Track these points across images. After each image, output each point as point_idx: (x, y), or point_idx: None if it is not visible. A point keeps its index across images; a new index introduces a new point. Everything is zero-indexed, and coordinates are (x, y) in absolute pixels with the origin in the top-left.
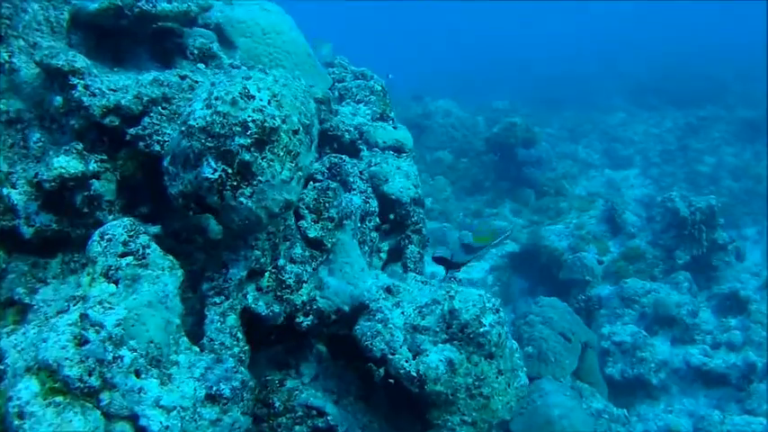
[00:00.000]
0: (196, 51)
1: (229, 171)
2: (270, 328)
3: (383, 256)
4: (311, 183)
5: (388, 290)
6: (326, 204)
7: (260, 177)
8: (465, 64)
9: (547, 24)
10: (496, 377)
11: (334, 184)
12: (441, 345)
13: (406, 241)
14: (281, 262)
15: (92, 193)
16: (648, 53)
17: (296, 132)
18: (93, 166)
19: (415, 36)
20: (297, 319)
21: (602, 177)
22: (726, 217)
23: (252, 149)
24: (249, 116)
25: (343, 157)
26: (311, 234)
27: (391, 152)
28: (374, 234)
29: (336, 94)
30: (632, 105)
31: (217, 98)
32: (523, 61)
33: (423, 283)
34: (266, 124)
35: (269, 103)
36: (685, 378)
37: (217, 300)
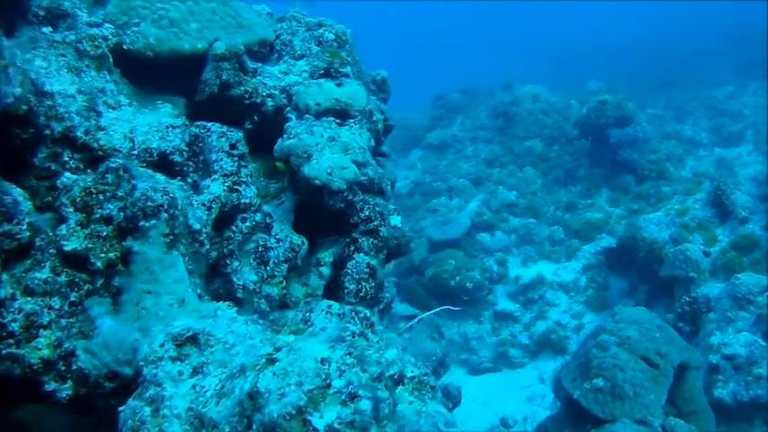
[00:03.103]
0: (42, 13)
1: None
2: None
3: (324, 271)
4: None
5: (193, 340)
6: (101, 197)
7: None
8: (552, 55)
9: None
10: None
11: (118, 163)
12: None
13: (352, 248)
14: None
15: None
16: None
17: None
18: None
19: (505, 34)
20: (45, 387)
21: (712, 156)
22: None
23: None
24: None
25: (208, 125)
26: (68, 246)
27: (331, 118)
28: (265, 240)
29: (275, 54)
30: (739, 78)
31: None
32: (614, 47)
33: (271, 324)
34: None
35: None
36: None
37: None
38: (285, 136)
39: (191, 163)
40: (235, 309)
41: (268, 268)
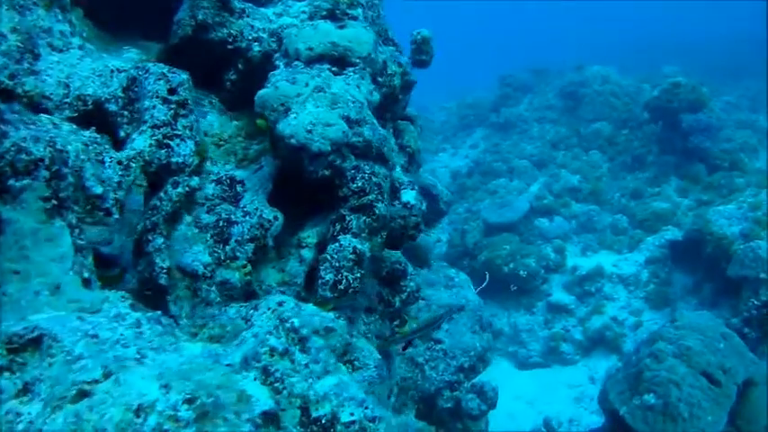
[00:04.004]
0: None
1: None
2: None
3: (306, 254)
4: None
5: (36, 344)
6: None
7: None
8: (627, 40)
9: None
10: None
11: None
12: None
13: (337, 227)
14: None
15: None
16: None
17: None
18: None
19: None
20: None
21: None
22: None
23: None
24: None
25: (148, 65)
26: None
27: (327, 65)
28: (229, 213)
29: None
30: None
31: None
32: (692, 35)
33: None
34: None
35: None
36: None
37: None
38: (272, 85)
39: (125, 112)
40: (129, 301)
41: (227, 248)
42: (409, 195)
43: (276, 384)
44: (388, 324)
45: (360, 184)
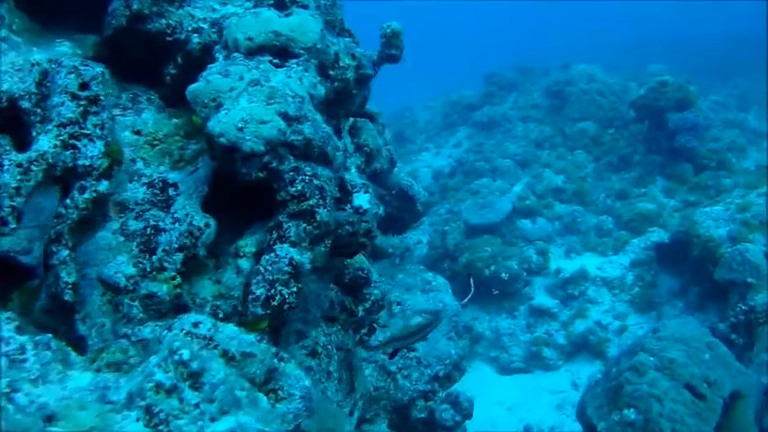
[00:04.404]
0: None
1: None
2: None
3: (243, 264)
4: None
5: None
6: None
7: None
8: (613, 40)
9: None
10: None
11: None
12: None
13: (274, 236)
14: None
15: None
16: None
17: None
18: None
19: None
20: None
21: None
22: None
23: None
24: None
25: (62, 59)
26: None
27: (268, 57)
28: (157, 219)
29: None
30: None
31: None
32: (679, 34)
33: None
34: None
35: None
36: None
37: None
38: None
39: (38, 110)
40: (16, 323)
41: (154, 258)
42: (362, 199)
43: (160, 427)
44: (351, 334)
45: (299, 188)
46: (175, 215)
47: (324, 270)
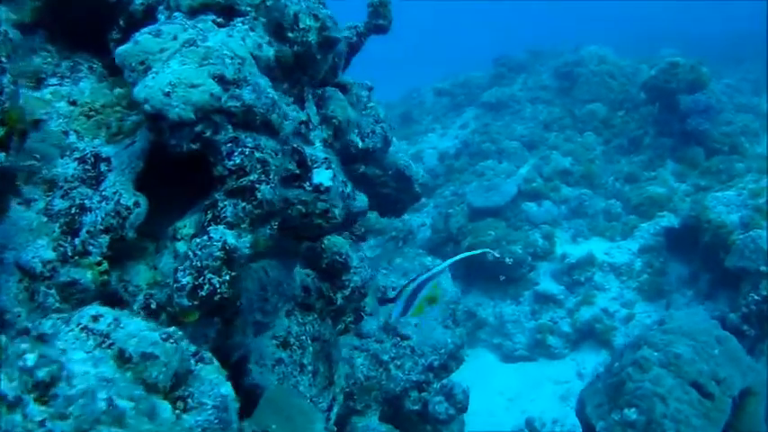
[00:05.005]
0: None
1: None
2: None
3: (181, 248)
4: None
5: None
6: None
7: None
8: (626, 22)
9: None
10: None
11: None
12: None
13: (209, 216)
14: None
15: None
16: None
17: None
18: None
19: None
20: None
21: None
22: None
23: None
24: None
25: None
26: None
27: (212, 15)
28: (83, 197)
29: None
30: None
31: None
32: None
33: None
34: None
35: None
36: None
37: None
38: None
39: None
40: None
41: (77, 241)
42: (323, 176)
43: None
44: (330, 324)
45: (238, 161)
46: (104, 193)
47: (285, 254)
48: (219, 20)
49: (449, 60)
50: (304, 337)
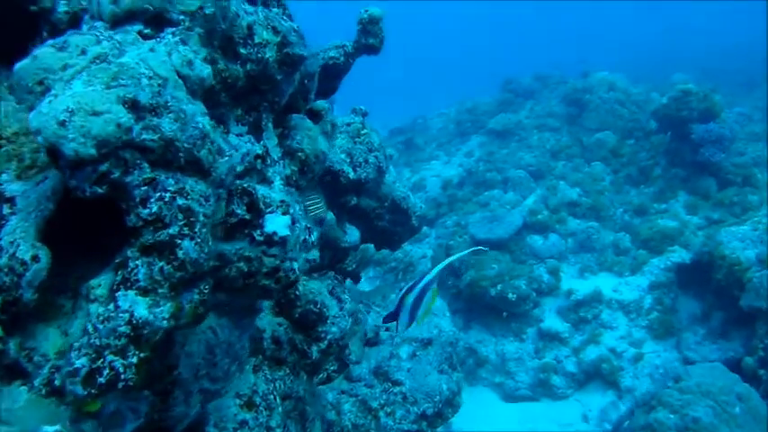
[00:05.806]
0: None
1: None
2: None
3: (95, 310)
4: None
5: None
6: None
7: None
8: (636, 49)
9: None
10: None
11: None
12: None
13: (119, 278)
14: None
15: None
16: None
17: None
18: None
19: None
20: None
21: None
22: None
23: None
24: None
25: None
26: None
27: (139, 26)
28: None
29: None
30: None
31: None
32: (704, 45)
33: None
34: None
35: None
36: None
37: None
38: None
39: None
40: None
41: None
42: (277, 223)
43: None
44: (304, 379)
45: (154, 210)
46: (0, 242)
47: (239, 312)
48: (147, 31)
49: (460, 84)
50: (272, 396)
